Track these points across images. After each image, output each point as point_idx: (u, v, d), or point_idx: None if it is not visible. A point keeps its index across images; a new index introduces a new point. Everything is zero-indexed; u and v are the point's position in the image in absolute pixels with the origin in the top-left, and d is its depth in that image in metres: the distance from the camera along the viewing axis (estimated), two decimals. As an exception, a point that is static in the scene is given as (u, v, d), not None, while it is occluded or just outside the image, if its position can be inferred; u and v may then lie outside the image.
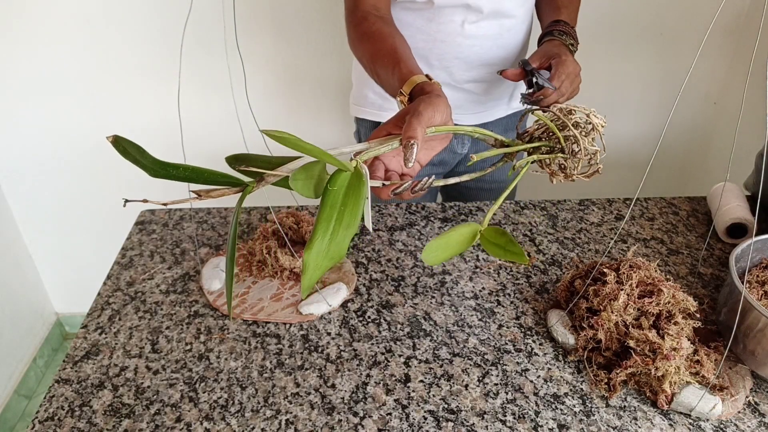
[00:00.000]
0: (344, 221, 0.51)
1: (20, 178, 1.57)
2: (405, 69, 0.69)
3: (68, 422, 0.65)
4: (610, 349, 0.70)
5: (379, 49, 0.75)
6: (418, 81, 0.66)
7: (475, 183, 1.17)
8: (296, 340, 0.75)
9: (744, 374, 0.69)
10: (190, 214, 1.00)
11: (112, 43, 1.36)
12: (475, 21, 0.90)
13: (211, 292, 0.82)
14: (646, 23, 1.40)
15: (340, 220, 0.51)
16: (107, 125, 1.49)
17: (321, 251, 0.50)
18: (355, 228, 0.51)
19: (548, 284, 0.85)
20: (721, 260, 0.90)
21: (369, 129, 1.08)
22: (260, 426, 0.65)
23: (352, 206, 0.51)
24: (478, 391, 0.68)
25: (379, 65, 0.74)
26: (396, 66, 0.70)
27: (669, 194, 1.07)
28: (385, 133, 0.59)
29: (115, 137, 0.47)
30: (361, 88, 1.06)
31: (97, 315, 0.80)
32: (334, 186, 0.51)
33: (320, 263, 0.50)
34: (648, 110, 1.54)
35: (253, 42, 1.38)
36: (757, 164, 0.98)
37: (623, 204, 1.03)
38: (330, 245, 0.51)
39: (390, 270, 0.87)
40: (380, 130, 0.60)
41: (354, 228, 0.51)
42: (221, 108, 1.47)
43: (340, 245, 0.51)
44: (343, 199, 0.51)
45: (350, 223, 0.51)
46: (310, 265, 0.50)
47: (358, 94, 1.07)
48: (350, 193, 0.52)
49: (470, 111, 1.03)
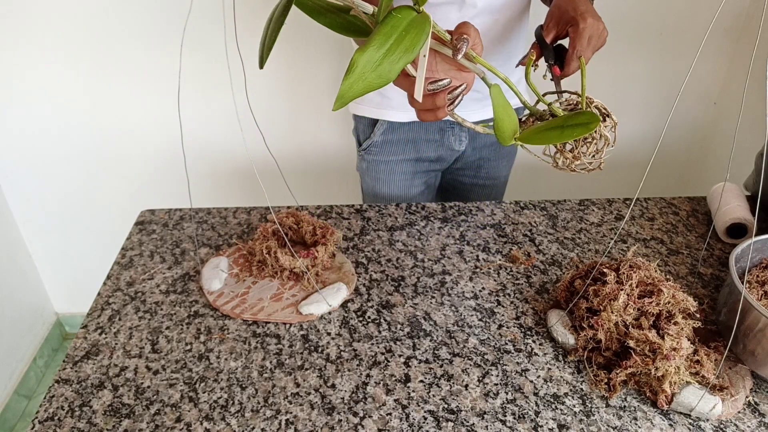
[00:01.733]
0: (404, 44, 0.46)
1: (20, 178, 1.57)
2: None
3: (68, 422, 0.65)
4: (610, 349, 0.70)
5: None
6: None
7: (472, 179, 1.17)
8: (296, 340, 0.75)
9: (744, 374, 0.69)
10: (190, 214, 1.00)
11: (112, 43, 1.36)
12: (470, 17, 0.90)
13: (211, 292, 0.82)
14: (646, 23, 1.40)
15: (400, 42, 0.46)
16: (107, 125, 1.49)
17: (372, 61, 0.46)
18: (412, 56, 0.47)
19: (548, 284, 0.85)
20: (721, 260, 0.90)
21: (367, 126, 1.08)
22: (260, 426, 0.65)
23: (414, 35, 0.47)
24: (478, 391, 0.69)
25: None
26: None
27: (669, 194, 1.07)
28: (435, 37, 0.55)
29: None
30: None
31: (97, 315, 0.80)
32: (399, 13, 0.47)
33: (366, 74, 0.46)
34: (648, 110, 1.54)
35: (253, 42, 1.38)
36: (757, 164, 0.98)
37: (623, 204, 1.03)
38: (383, 60, 0.46)
39: (390, 270, 0.87)
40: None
41: (411, 55, 0.47)
42: (221, 108, 1.47)
43: (393, 65, 0.46)
44: (406, 26, 0.47)
45: (409, 48, 0.46)
46: (357, 69, 0.45)
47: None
48: (414, 27, 0.47)
49: (468, 108, 1.03)
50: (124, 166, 1.56)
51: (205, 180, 1.60)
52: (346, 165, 1.57)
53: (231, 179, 1.60)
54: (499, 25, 0.93)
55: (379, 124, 1.06)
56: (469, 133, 1.08)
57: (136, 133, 1.50)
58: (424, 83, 0.53)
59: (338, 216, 1.00)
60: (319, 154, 1.57)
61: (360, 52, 0.45)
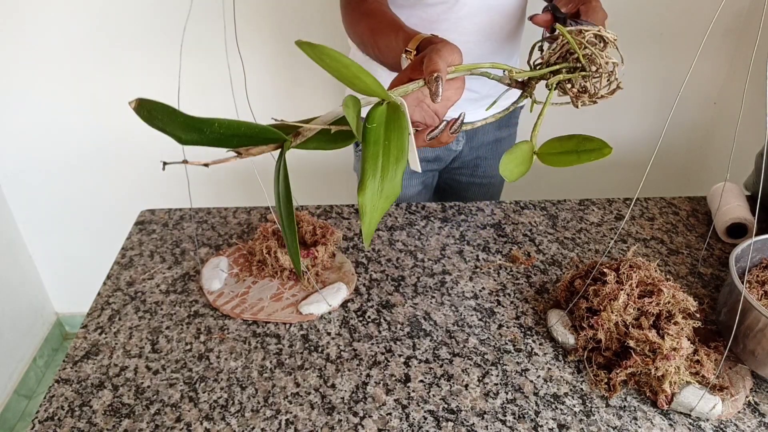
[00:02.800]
0: (392, 156, 0.48)
1: (20, 179, 1.57)
2: (409, 31, 0.68)
3: (68, 422, 0.65)
4: (610, 349, 0.70)
5: (379, 21, 0.76)
6: (424, 37, 0.65)
7: (469, 178, 1.17)
8: (296, 340, 0.75)
9: (744, 374, 0.69)
10: (190, 214, 1.00)
11: (112, 43, 1.36)
12: (468, 17, 0.90)
13: (211, 292, 0.82)
14: (646, 23, 1.40)
15: (387, 155, 0.48)
16: (107, 125, 1.49)
17: (375, 191, 0.48)
18: (405, 161, 0.49)
19: (548, 284, 0.85)
20: (721, 260, 0.90)
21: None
22: (260, 426, 0.65)
23: (397, 139, 0.49)
24: (478, 391, 0.68)
25: (380, 36, 0.74)
26: (399, 30, 0.70)
27: (669, 194, 1.07)
28: (406, 79, 0.58)
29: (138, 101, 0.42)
30: None
31: (97, 315, 0.80)
32: (373, 123, 0.49)
33: (376, 204, 0.48)
34: (648, 110, 1.54)
35: (253, 42, 1.38)
36: (757, 164, 0.98)
37: (623, 204, 1.03)
38: (383, 183, 0.48)
39: (390, 270, 0.87)
40: (400, 78, 0.59)
41: (404, 161, 0.49)
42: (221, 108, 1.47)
43: (393, 182, 0.48)
44: (385, 133, 0.49)
45: (399, 157, 0.48)
46: (367, 207, 0.47)
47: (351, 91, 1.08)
48: (391, 127, 0.49)
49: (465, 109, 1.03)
50: (124, 166, 1.56)
51: (205, 180, 1.60)
52: (346, 165, 1.57)
53: (231, 179, 1.60)
54: (495, 25, 0.93)
55: None
56: (467, 133, 1.07)
57: (136, 133, 1.50)
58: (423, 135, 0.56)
59: (338, 216, 1.00)
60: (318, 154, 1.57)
61: (361, 193, 0.47)
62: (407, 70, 0.59)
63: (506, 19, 0.93)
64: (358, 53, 0.99)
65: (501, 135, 1.12)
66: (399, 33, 0.70)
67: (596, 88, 0.62)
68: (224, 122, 0.45)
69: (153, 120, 0.44)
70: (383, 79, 1.06)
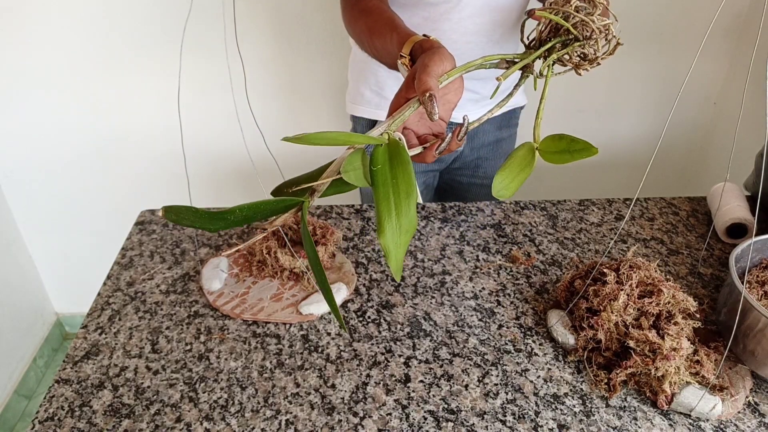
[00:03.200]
0: (401, 192, 0.50)
1: (20, 178, 1.57)
2: (402, 33, 0.69)
3: (68, 422, 0.65)
4: (610, 349, 0.70)
5: (376, 20, 0.76)
6: (417, 40, 0.66)
7: (469, 179, 1.17)
8: (296, 340, 0.75)
9: (744, 374, 0.69)
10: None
11: (112, 43, 1.36)
12: (470, 17, 0.90)
13: (211, 292, 0.82)
14: (646, 23, 1.40)
15: (398, 192, 0.50)
16: (107, 125, 1.49)
17: (394, 230, 0.50)
18: (415, 194, 0.51)
19: (548, 284, 0.85)
20: (721, 260, 0.90)
21: (365, 127, 1.08)
22: (260, 426, 0.65)
23: (403, 174, 0.51)
24: (478, 391, 0.68)
25: (376, 36, 0.75)
26: (393, 32, 0.71)
27: (669, 194, 1.07)
28: (403, 101, 0.59)
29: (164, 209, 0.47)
30: (357, 86, 1.06)
31: (97, 315, 0.80)
32: (377, 165, 0.51)
33: (399, 241, 0.50)
34: (648, 110, 1.54)
35: (253, 42, 1.38)
36: (757, 164, 0.98)
37: (623, 204, 1.03)
38: (400, 220, 0.50)
39: (390, 270, 0.87)
40: (397, 99, 0.60)
41: (414, 194, 0.51)
42: (221, 108, 1.47)
43: (408, 216, 0.50)
44: (391, 172, 0.51)
45: (409, 191, 0.50)
46: (390, 247, 0.49)
47: (354, 92, 1.07)
48: (395, 164, 0.51)
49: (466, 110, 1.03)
50: (124, 166, 1.56)
51: (205, 180, 1.60)
52: (346, 165, 1.57)
53: (231, 179, 1.60)
54: (497, 24, 0.93)
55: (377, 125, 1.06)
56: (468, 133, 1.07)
57: (136, 133, 1.50)
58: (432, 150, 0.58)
59: (338, 216, 1.00)
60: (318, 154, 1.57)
61: (382, 236, 0.50)
62: (402, 91, 0.60)
63: (508, 18, 0.93)
64: (359, 52, 0.99)
65: (502, 135, 1.12)
66: (393, 35, 0.70)
67: (595, 51, 0.61)
68: (245, 207, 0.48)
69: (181, 220, 0.48)
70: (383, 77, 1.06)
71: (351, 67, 1.08)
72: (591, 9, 0.60)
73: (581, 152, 0.58)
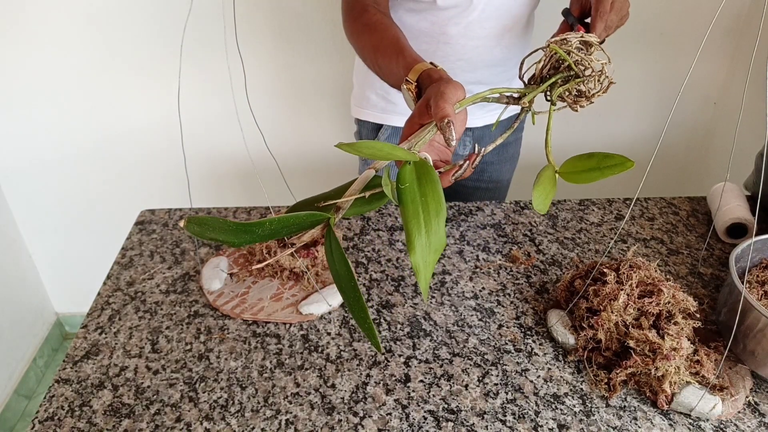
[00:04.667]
0: (431, 209, 0.51)
1: (20, 178, 1.57)
2: (409, 57, 0.69)
3: (68, 422, 0.65)
4: (610, 349, 0.70)
5: (381, 38, 0.76)
6: (424, 68, 0.66)
7: (474, 182, 1.17)
8: (296, 340, 0.75)
9: (744, 374, 0.69)
10: (190, 214, 1.00)
11: (112, 42, 1.36)
12: (479, 21, 0.90)
13: (211, 292, 0.82)
14: (646, 23, 1.40)
15: (428, 210, 0.51)
16: (107, 125, 1.49)
17: (424, 247, 0.50)
18: (444, 212, 0.51)
19: (548, 284, 0.85)
20: (721, 260, 0.90)
21: (370, 130, 1.08)
22: (260, 426, 0.65)
23: (432, 192, 0.51)
24: (478, 391, 0.68)
25: (381, 56, 0.75)
26: (399, 55, 0.71)
27: (669, 194, 1.07)
28: (417, 127, 0.59)
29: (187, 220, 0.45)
30: (363, 90, 1.05)
31: (97, 315, 0.80)
32: (405, 183, 0.51)
33: (428, 259, 0.50)
34: (648, 110, 1.54)
35: (253, 42, 1.38)
36: (757, 164, 0.98)
37: (623, 204, 1.03)
38: (429, 238, 0.50)
39: (390, 270, 0.87)
40: (410, 125, 0.60)
41: (443, 212, 0.51)
42: (221, 108, 1.47)
43: (438, 234, 0.51)
44: (419, 189, 0.51)
45: (438, 210, 0.51)
46: (420, 265, 0.50)
47: (360, 95, 1.07)
48: (423, 182, 0.52)
49: (473, 115, 1.02)
50: (124, 166, 1.56)
51: (205, 180, 1.60)
52: (346, 165, 1.57)
53: (231, 179, 1.60)
54: (505, 29, 0.93)
55: (383, 130, 1.06)
56: (473, 138, 1.07)
57: (136, 133, 1.50)
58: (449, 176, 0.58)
59: (338, 216, 1.00)
60: (318, 154, 1.57)
61: (413, 254, 0.50)
62: (415, 117, 0.60)
63: (516, 23, 0.93)
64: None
65: (507, 139, 1.12)
66: (399, 58, 0.70)
67: (591, 89, 0.63)
68: (275, 220, 0.48)
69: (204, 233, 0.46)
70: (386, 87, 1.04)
71: (356, 70, 1.08)
72: (587, 49, 0.63)
73: (614, 168, 0.57)
